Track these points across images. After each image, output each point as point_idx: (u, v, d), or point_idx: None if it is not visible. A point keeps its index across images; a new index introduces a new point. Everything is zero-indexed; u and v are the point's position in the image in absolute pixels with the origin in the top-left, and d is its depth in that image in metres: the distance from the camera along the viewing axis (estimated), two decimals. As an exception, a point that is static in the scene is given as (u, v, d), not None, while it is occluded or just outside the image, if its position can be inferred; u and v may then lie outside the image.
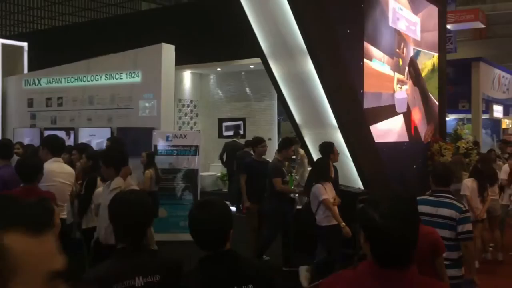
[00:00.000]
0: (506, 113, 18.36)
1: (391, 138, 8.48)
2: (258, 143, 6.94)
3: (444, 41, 11.49)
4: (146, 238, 2.27)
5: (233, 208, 8.97)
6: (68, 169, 4.92)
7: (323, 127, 6.90)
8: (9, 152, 5.19)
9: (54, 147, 4.82)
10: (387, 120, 8.34)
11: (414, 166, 9.30)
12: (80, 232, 5.43)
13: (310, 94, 6.75)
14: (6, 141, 5.54)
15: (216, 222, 2.18)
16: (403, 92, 9.04)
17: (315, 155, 7.32)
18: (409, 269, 1.54)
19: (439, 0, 10.91)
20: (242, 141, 11.97)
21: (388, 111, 8.39)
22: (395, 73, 8.73)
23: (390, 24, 8.59)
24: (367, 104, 7.58)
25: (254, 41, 6.71)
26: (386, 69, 8.39)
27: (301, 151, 9.00)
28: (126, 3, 16.90)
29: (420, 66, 9.88)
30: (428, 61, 10.34)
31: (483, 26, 20.27)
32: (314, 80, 6.59)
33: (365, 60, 7.56)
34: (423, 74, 10.08)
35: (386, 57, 8.34)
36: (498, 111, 16.98)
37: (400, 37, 8.93)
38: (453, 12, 16.13)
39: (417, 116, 9.67)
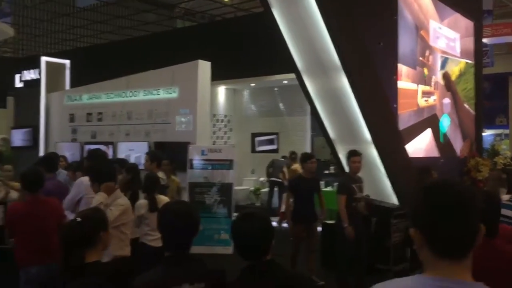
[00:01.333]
0: (546, 128, 17.87)
1: (420, 154, 8.28)
2: (308, 158, 6.61)
3: (481, 56, 11.33)
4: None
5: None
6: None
7: (357, 142, 6.93)
8: (54, 165, 5.46)
9: (97, 159, 5.04)
10: (414, 139, 8.14)
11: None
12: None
13: (344, 109, 6.81)
14: (52, 154, 5.82)
15: (258, 233, 2.29)
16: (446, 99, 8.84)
17: (349, 170, 7.36)
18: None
19: (474, 16, 10.83)
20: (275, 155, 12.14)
21: (414, 131, 7.99)
22: (419, 85, 8.24)
23: (431, 43, 8.39)
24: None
25: (288, 57, 6.83)
26: (407, 84, 7.85)
27: None
28: (162, 22, 17.38)
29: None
30: (455, 67, 10.05)
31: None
32: (348, 95, 6.65)
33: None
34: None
35: (405, 68, 7.82)
36: (537, 126, 16.55)
37: (423, 44, 8.45)
38: (489, 26, 15.90)
39: (450, 129, 9.44)
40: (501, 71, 16.79)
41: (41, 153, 11.54)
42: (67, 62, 12.03)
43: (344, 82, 6.55)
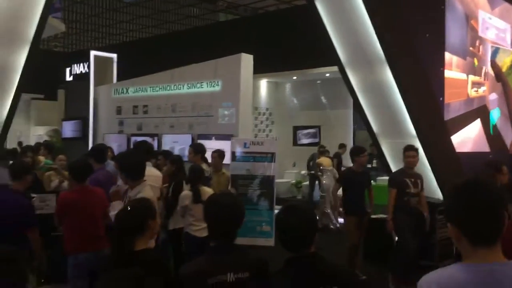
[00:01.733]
0: None
1: (469, 148, 8.12)
2: (360, 152, 6.47)
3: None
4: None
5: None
6: (157, 172, 5.27)
7: (401, 136, 6.84)
8: (103, 156, 5.66)
9: (144, 151, 5.20)
10: (463, 129, 8.00)
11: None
12: (166, 232, 5.78)
13: (387, 102, 6.72)
14: (101, 146, 6.02)
15: (302, 225, 2.33)
16: (493, 95, 8.62)
17: (392, 164, 7.27)
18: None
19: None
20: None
21: (461, 121, 7.90)
22: (469, 75, 8.15)
23: (480, 34, 8.19)
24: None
25: (331, 50, 6.80)
26: (457, 74, 7.80)
27: None
28: (205, 15, 17.57)
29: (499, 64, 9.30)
30: (506, 58, 9.72)
31: None
32: (392, 88, 6.56)
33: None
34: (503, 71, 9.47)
35: (455, 58, 7.75)
36: None
37: (473, 34, 8.30)
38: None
39: (500, 121, 9.17)
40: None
41: (90, 144, 11.96)
42: (114, 56, 12.39)
43: (388, 75, 6.46)
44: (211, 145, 8.73)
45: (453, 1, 7.72)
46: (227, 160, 8.86)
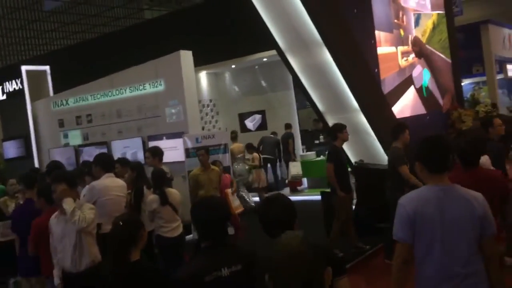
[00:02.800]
0: (520, 70, 18.37)
1: (408, 113, 8.65)
2: (343, 128, 6.33)
3: (450, 6, 11.60)
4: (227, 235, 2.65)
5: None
6: (121, 182, 5.34)
7: (345, 111, 7.22)
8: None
9: (105, 164, 5.24)
10: (400, 98, 8.51)
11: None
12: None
13: (329, 81, 7.06)
14: (55, 163, 5.97)
15: (281, 213, 2.55)
16: (417, 67, 9.19)
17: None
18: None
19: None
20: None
21: (399, 91, 8.38)
22: (398, 47, 8.60)
23: (402, 4, 8.66)
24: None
25: (269, 37, 7.01)
26: (386, 49, 8.17)
27: None
28: (133, 15, 17.27)
29: (422, 29, 9.84)
30: (428, 21, 10.31)
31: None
32: (332, 68, 6.90)
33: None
34: (426, 35, 10.00)
35: (383, 34, 8.15)
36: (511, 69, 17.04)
37: (396, 6, 8.77)
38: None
39: (431, 82, 9.80)
40: (471, 17, 17.10)
41: (36, 161, 11.63)
42: (47, 68, 12.01)
43: (326, 55, 6.78)
44: (163, 146, 8.79)
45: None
46: (181, 157, 8.97)
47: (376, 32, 7.93)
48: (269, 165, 12.29)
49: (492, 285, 2.64)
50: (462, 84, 12.39)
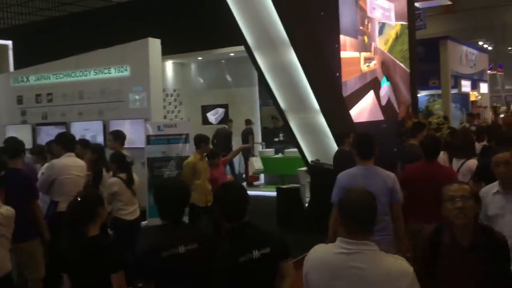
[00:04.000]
0: (473, 87, 19.27)
1: (365, 117, 9.05)
2: (350, 133, 6.81)
3: (413, 20, 12.11)
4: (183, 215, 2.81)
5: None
6: (81, 162, 5.39)
7: (306, 111, 7.49)
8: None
9: (66, 143, 5.28)
10: (359, 102, 8.90)
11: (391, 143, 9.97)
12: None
13: (293, 81, 7.31)
14: (12, 139, 5.92)
15: (238, 199, 2.75)
16: (384, 88, 9.60)
17: (300, 138, 7.93)
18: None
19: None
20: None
21: (358, 95, 8.77)
22: (361, 53, 9.00)
23: (368, 14, 9.03)
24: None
25: (237, 33, 7.18)
26: (350, 53, 8.56)
27: None
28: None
29: (385, 38, 10.30)
30: (392, 31, 10.77)
31: (450, 3, 21.10)
32: (297, 68, 7.15)
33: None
34: (388, 44, 10.45)
35: (348, 39, 8.49)
36: (466, 85, 17.84)
37: (363, 13, 9.16)
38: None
39: (389, 89, 10.28)
40: (433, 31, 17.80)
41: (-10, 137, 11.35)
42: (9, 43, 11.74)
43: (292, 55, 7.03)
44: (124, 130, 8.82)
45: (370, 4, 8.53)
46: (141, 143, 9.02)
47: (342, 36, 8.26)
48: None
49: (397, 237, 3.91)
50: (418, 95, 12.94)
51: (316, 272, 2.27)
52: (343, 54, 8.25)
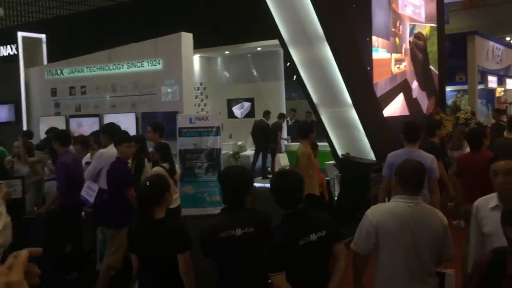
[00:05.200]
0: (500, 83, 19.10)
1: (394, 113, 9.13)
2: (441, 125, 6.95)
3: (442, 17, 12.10)
4: (245, 199, 2.98)
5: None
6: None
7: (339, 106, 7.60)
8: (68, 140, 5.87)
9: (113, 133, 5.49)
10: (391, 104, 8.98)
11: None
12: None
13: (326, 75, 7.43)
14: (65, 130, 6.20)
15: (293, 187, 2.89)
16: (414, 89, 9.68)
17: (331, 132, 8.05)
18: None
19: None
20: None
21: (387, 97, 8.82)
22: (392, 54, 9.11)
23: (400, 11, 9.09)
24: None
25: (274, 28, 7.31)
26: (382, 54, 8.66)
27: None
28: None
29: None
30: (422, 31, 10.83)
31: (474, -3, 20.89)
32: (330, 63, 7.26)
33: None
34: None
35: (381, 40, 8.61)
36: (492, 81, 17.71)
37: (395, 15, 9.27)
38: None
39: (417, 89, 10.35)
40: (456, 27, 17.65)
41: (24, 127, 11.70)
42: (43, 36, 12.05)
43: (327, 51, 7.14)
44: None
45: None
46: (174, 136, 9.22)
47: (374, 37, 8.35)
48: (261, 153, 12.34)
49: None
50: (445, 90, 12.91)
51: (388, 221, 2.86)
52: (375, 55, 8.34)
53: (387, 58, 8.89)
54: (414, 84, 10.15)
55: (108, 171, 5.01)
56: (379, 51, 8.54)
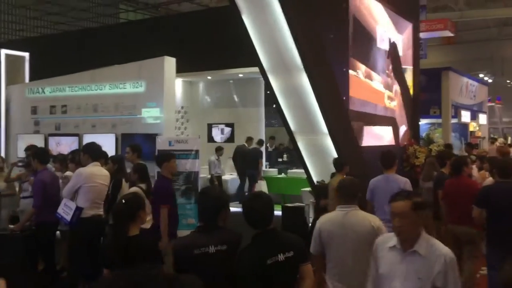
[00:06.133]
0: (473, 118, 19.72)
1: (383, 142, 9.76)
2: (452, 156, 7.06)
3: (418, 52, 12.58)
4: (219, 218, 3.11)
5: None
6: (105, 172, 5.69)
7: (315, 133, 7.82)
8: (46, 158, 5.94)
9: (94, 152, 5.59)
10: (381, 127, 9.72)
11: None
12: (109, 226, 6.18)
13: (303, 104, 7.66)
14: (44, 148, 6.27)
15: (265, 208, 3.05)
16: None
17: (307, 159, 8.24)
18: None
19: (413, 16, 12.03)
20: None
21: (381, 120, 9.71)
22: (386, 90, 10.00)
23: (378, 45, 9.67)
24: (354, 107, 8.58)
25: (255, 56, 7.54)
26: (378, 85, 9.62)
27: None
28: (115, 14, 17.47)
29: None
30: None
31: (452, 34, 21.68)
32: (308, 92, 7.51)
33: (350, 71, 8.52)
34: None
35: (377, 76, 9.52)
36: (465, 116, 18.27)
37: (388, 60, 10.23)
38: (423, 22, 17.30)
39: (403, 127, 11.01)
40: (434, 61, 18.25)
41: (2, 145, 11.64)
42: (26, 54, 12.12)
43: (304, 80, 7.39)
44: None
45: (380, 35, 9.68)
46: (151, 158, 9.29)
47: (374, 73, 9.25)
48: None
49: None
50: (419, 123, 13.32)
51: (328, 226, 3.68)
52: (373, 84, 9.31)
53: (382, 91, 9.84)
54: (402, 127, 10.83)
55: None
56: (376, 80, 9.57)
